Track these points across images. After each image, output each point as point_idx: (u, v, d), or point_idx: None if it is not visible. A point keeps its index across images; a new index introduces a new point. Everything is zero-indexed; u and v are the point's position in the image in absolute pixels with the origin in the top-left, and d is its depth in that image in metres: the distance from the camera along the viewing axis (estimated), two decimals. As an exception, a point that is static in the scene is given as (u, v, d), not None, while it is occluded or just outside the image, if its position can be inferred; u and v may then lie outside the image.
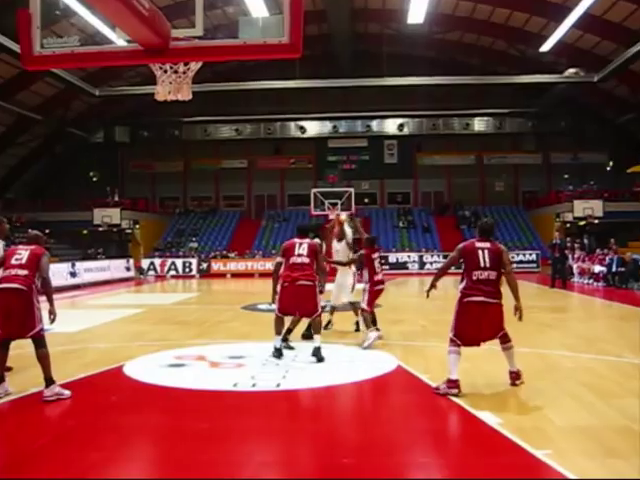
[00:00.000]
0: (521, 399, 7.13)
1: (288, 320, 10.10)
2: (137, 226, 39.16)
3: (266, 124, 45.19)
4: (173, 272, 36.17)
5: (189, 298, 23.05)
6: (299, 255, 9.40)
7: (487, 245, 7.52)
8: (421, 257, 36.81)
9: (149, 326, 13.93)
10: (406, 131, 45.03)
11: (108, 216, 36.86)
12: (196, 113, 39.40)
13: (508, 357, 7.58)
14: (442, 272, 8.15)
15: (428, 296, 7.87)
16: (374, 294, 10.94)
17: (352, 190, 34.02)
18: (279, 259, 9.66)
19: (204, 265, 36.48)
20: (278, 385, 7.87)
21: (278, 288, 9.39)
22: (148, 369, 8.97)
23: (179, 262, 36.89)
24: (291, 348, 10.24)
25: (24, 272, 7.39)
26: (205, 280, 33.43)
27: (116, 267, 32.87)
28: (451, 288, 20.82)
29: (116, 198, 38.91)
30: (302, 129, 45.40)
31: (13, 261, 7.48)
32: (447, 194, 45.65)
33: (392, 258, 36.70)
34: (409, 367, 8.73)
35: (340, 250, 12.44)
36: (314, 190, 33.02)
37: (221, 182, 46.70)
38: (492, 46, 37.30)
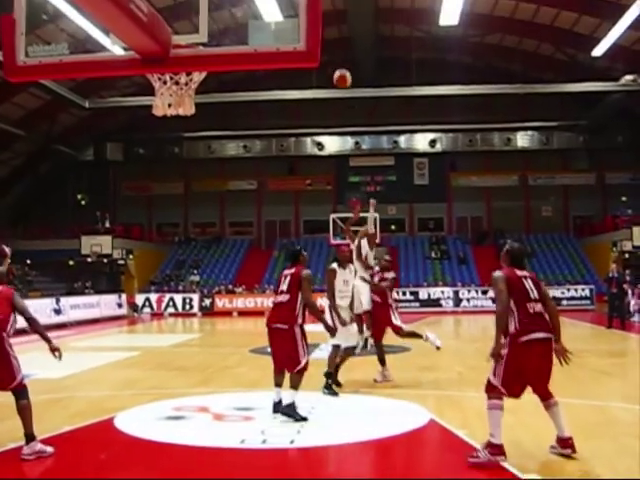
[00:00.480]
0: (574, 460, 7.03)
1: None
2: (131, 256, 39.32)
3: (279, 140, 45.45)
4: (172, 309, 36.27)
5: (190, 340, 23.06)
6: (281, 292, 9.05)
7: (527, 274, 7.20)
8: (456, 293, 36.67)
9: (144, 372, 13.93)
10: (439, 148, 45.12)
11: (98, 245, 37.05)
12: (199, 128, 39.69)
13: (555, 417, 6.93)
14: (505, 317, 7.10)
15: (494, 360, 7.02)
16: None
17: (377, 216, 33.90)
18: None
19: (207, 301, 36.56)
20: (292, 442, 7.81)
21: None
22: (143, 422, 8.95)
23: (178, 298, 36.99)
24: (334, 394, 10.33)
25: None
26: (208, 319, 33.46)
27: (106, 303, 33.02)
28: (490, 328, 20.50)
29: (107, 224, 39.24)
30: (320, 146, 45.61)
31: None
32: (486, 220, 45.58)
33: (423, 294, 36.63)
34: (443, 421, 8.65)
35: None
36: (333, 216, 33.11)
37: (227, 206, 46.93)
38: (537, 50, 37.41)
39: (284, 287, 8.95)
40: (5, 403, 8.28)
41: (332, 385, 10.76)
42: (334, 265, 11.05)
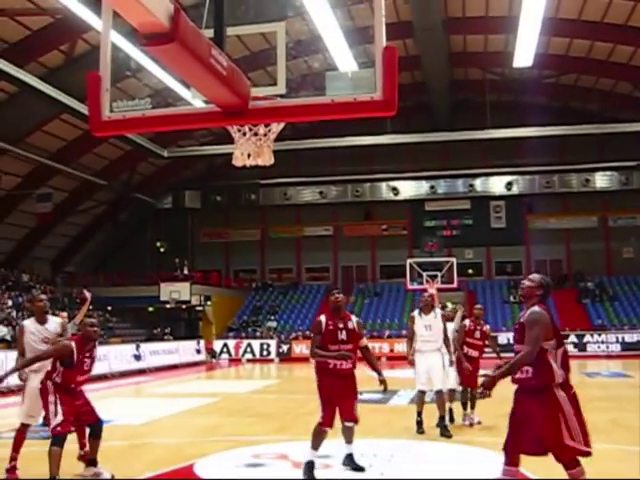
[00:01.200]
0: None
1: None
2: (209, 302, 39.71)
3: (354, 186, 45.62)
4: (249, 355, 36.42)
5: (268, 386, 23.11)
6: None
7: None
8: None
9: (223, 418, 14.01)
10: (515, 190, 44.68)
11: (177, 291, 37.50)
12: (275, 175, 40.17)
13: None
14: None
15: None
16: None
17: (454, 260, 33.90)
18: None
19: (284, 347, 36.60)
20: (372, 490, 7.75)
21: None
22: (222, 469, 8.99)
23: (256, 344, 37.15)
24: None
25: None
26: (286, 365, 33.51)
27: (185, 349, 33.38)
28: (576, 374, 20.05)
29: (186, 271, 39.80)
30: (395, 191, 45.61)
31: None
32: (566, 263, 44.81)
33: (502, 339, 35.86)
34: (529, 472, 8.44)
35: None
36: (410, 260, 33.00)
37: (303, 252, 47.17)
38: (613, 89, 36.92)
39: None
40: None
41: (446, 427, 11.25)
42: (414, 313, 11.73)
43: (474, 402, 12.33)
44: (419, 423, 11.45)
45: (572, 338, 35.26)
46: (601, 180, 43.86)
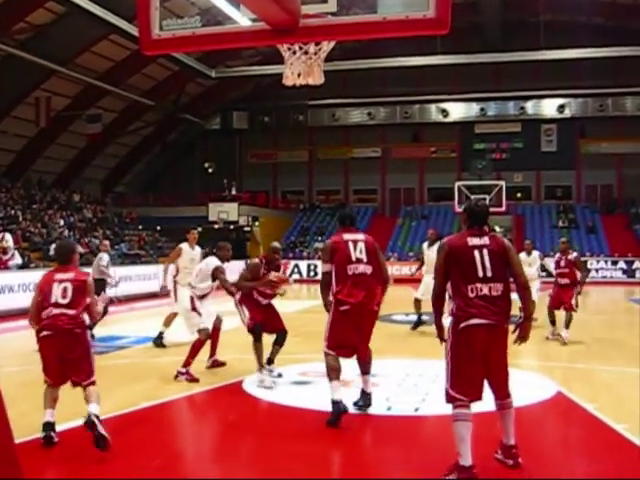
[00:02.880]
0: None
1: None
2: (257, 223, 39.94)
3: (402, 107, 45.16)
4: (296, 276, 36.64)
5: (315, 306, 23.16)
6: (358, 261, 7.59)
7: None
8: (585, 263, 35.53)
9: (270, 337, 14.16)
10: (567, 113, 43.86)
11: (225, 212, 37.77)
12: (323, 96, 39.82)
13: (505, 421, 5.92)
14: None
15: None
16: None
17: (503, 183, 33.65)
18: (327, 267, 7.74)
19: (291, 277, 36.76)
20: (417, 410, 7.82)
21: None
22: (270, 386, 9.13)
23: (303, 264, 37.39)
24: None
25: None
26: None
27: (233, 270, 33.53)
28: (623, 301, 20.00)
29: (234, 192, 40.01)
30: (444, 112, 45.07)
31: None
32: (617, 188, 44.14)
33: (551, 264, 35.75)
34: (571, 394, 8.48)
35: None
36: (458, 183, 32.81)
37: (351, 174, 47.07)
38: (676, 9, 35.68)
39: (362, 256, 7.62)
40: (141, 364, 8.61)
41: None
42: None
43: (569, 322, 13.36)
44: None
45: (621, 264, 34.88)
46: (657, 104, 42.80)
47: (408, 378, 9.38)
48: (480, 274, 5.46)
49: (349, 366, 8.04)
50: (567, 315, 13.46)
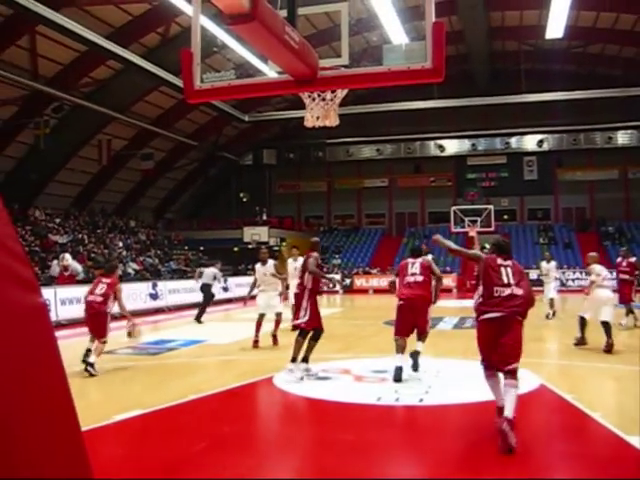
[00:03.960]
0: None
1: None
2: (284, 243, 39.98)
3: (406, 144, 45.14)
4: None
5: (334, 313, 23.27)
6: (413, 274, 9.28)
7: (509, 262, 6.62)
8: (562, 274, 35.18)
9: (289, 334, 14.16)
10: (546, 147, 43.67)
11: (257, 234, 37.87)
12: (339, 135, 39.93)
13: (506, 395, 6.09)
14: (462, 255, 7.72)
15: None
16: None
17: (492, 207, 33.48)
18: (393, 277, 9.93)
19: (347, 281, 36.72)
20: (421, 400, 7.79)
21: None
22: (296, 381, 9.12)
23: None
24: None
25: None
26: (348, 296, 33.67)
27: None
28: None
29: (264, 217, 40.10)
30: (441, 148, 45.02)
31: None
32: (589, 210, 43.84)
33: (532, 275, 35.45)
34: (553, 386, 8.41)
35: None
36: (454, 208, 32.64)
37: (363, 201, 47.07)
38: (636, 56, 35.46)
39: (416, 270, 9.30)
40: (188, 363, 8.62)
41: None
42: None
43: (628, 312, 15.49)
44: None
45: (593, 277, 34.44)
46: (622, 137, 42.48)
47: (414, 374, 9.31)
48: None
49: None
50: (626, 307, 15.32)
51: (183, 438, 6.33)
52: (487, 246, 13.99)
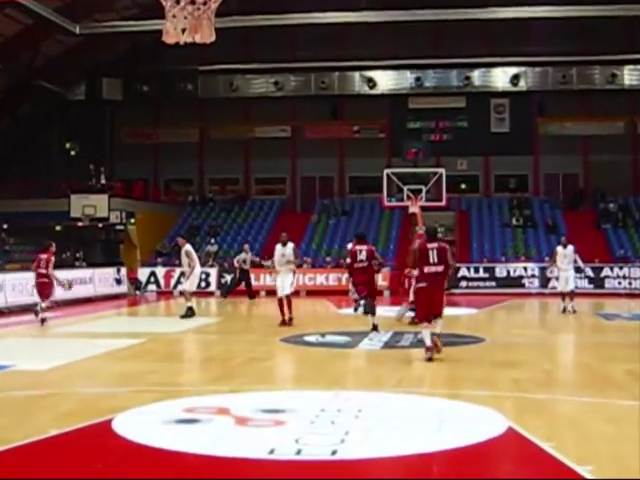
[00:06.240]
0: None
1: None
2: (132, 220, 39.56)
3: (318, 75, 45.34)
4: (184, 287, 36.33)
5: (206, 325, 23.23)
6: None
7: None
8: (543, 270, 35.91)
9: (148, 364, 14.09)
10: (523, 85, 44.66)
11: (91, 206, 37.28)
12: (218, 60, 39.75)
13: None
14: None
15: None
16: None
17: (443, 171, 34.03)
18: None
19: (228, 278, 36.64)
20: (334, 453, 7.85)
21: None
22: (147, 425, 9.08)
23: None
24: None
25: None
26: (230, 300, 33.64)
27: (102, 279, 33.34)
28: (589, 315, 20.71)
29: (103, 180, 39.49)
30: (371, 82, 45.42)
31: None
32: (583, 178, 45.24)
33: (501, 271, 36.45)
34: (524, 430, 8.64)
35: None
36: (388, 171, 33.05)
37: (253, 159, 47.12)
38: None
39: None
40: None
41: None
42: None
43: None
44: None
45: (587, 272, 35.46)
46: (630, 76, 43.80)
47: (323, 414, 9.42)
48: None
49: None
50: None
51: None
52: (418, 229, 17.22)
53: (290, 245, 21.08)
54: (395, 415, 9.51)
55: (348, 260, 20.49)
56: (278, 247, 21.08)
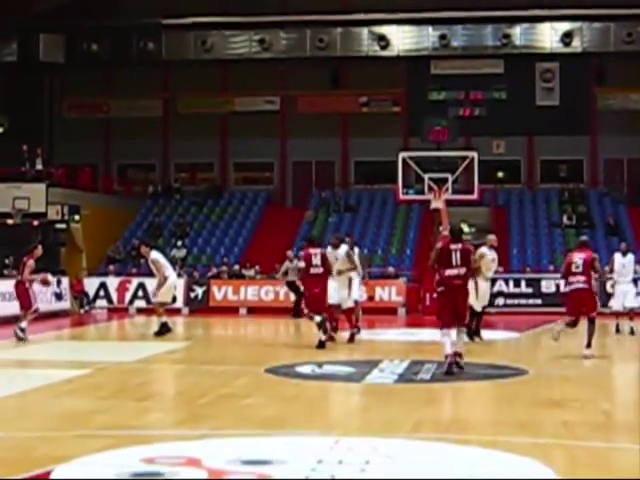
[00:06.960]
0: None
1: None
2: (77, 217, 39.59)
3: (315, 32, 45.33)
4: (141, 303, 36.37)
5: (171, 351, 23.26)
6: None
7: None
8: (603, 283, 35.75)
9: (97, 402, 14.10)
10: (577, 46, 44.71)
11: (24, 198, 37.29)
12: (186, 11, 39.82)
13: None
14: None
15: None
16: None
17: (475, 155, 34.01)
18: None
19: (199, 291, 36.69)
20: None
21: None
22: (95, 480, 9.09)
23: (152, 284, 37.16)
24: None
25: None
26: (200, 318, 33.68)
27: (38, 292, 33.27)
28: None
29: (39, 165, 39.52)
30: (382, 41, 45.45)
31: None
32: (654, 164, 45.25)
33: (548, 284, 36.17)
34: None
35: None
36: (404, 154, 33.11)
37: (232, 138, 47.18)
38: None
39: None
40: None
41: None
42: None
43: None
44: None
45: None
46: None
47: (321, 467, 9.42)
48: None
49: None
50: None
51: None
52: (465, 229, 17.83)
53: (344, 247, 22.45)
54: (412, 469, 9.50)
55: (301, 264, 22.14)
56: (329, 251, 22.06)
